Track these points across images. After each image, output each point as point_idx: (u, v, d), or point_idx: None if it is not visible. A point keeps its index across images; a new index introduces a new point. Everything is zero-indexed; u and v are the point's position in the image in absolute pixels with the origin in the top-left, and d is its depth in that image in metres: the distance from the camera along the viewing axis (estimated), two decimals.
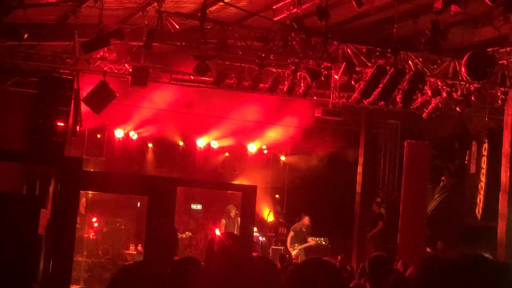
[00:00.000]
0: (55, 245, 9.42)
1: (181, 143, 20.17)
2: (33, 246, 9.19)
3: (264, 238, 19.29)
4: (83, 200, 15.87)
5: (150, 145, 19.72)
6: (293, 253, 17.90)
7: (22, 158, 12.10)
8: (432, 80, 14.67)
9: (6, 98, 16.62)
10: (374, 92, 13.84)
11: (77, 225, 13.44)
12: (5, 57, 14.78)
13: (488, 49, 13.18)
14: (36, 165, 11.54)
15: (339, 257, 14.88)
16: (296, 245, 18.22)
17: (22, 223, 9.06)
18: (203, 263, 4.33)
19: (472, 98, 14.84)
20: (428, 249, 16.95)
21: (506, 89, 14.27)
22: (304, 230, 18.49)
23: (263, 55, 13.98)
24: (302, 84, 15.31)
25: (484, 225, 17.12)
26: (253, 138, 20.31)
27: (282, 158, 21.12)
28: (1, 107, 16.63)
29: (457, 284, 1.52)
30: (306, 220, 18.43)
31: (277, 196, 20.76)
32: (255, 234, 17.06)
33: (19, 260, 8.86)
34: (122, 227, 18.03)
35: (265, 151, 20.72)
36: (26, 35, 13.00)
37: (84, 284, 14.24)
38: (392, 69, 13.50)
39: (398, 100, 14.28)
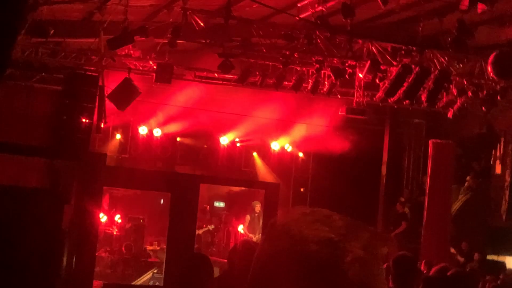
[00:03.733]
0: (78, 240, 9.47)
1: (204, 141, 20.19)
2: (57, 242, 9.25)
3: None
4: (106, 196, 15.95)
5: (178, 139, 19.74)
6: None
7: (46, 153, 12.18)
8: (457, 79, 14.56)
9: (31, 94, 16.75)
10: (399, 91, 13.77)
11: (100, 221, 13.53)
12: (31, 53, 14.89)
13: None
14: (60, 161, 11.62)
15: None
16: None
17: (46, 218, 9.12)
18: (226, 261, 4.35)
19: (498, 97, 14.70)
20: (452, 250, 16.81)
21: None
22: None
23: (287, 53, 13.96)
24: (326, 82, 15.25)
25: (509, 226, 16.97)
26: (276, 136, 20.27)
27: (305, 156, 21.05)
28: (27, 103, 16.76)
29: None
30: None
31: (302, 189, 20.70)
32: None
33: (42, 255, 8.91)
34: (145, 223, 18.11)
35: (289, 149, 20.67)
36: (52, 32, 13.09)
37: (107, 280, 14.30)
38: (417, 68, 13.41)
39: (423, 99, 14.19)
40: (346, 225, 1.44)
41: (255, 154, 20.57)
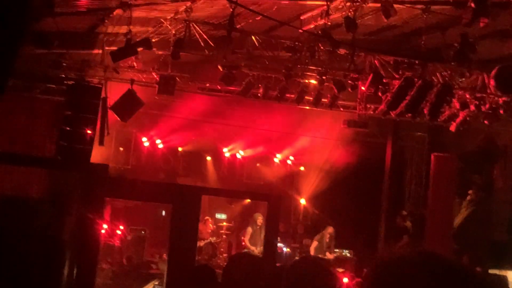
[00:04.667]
0: (79, 252, 9.46)
1: (207, 153, 20.20)
2: (58, 253, 9.24)
3: (288, 249, 19.23)
4: (108, 208, 15.95)
5: (180, 149, 19.73)
6: None
7: (48, 164, 12.20)
8: (460, 92, 14.56)
9: (34, 105, 16.79)
10: (401, 104, 13.76)
11: (101, 232, 13.49)
12: (34, 64, 14.92)
13: None
14: (62, 172, 11.63)
15: (364, 270, 14.81)
16: (320, 256, 18.10)
17: (47, 229, 9.12)
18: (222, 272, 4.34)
19: (501, 111, 14.70)
20: None
21: None
22: (327, 240, 18.40)
23: (290, 65, 13.98)
24: (328, 95, 15.27)
25: (511, 240, 16.93)
26: (278, 149, 20.29)
27: (307, 168, 21.04)
28: (30, 114, 16.79)
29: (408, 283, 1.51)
30: (329, 229, 18.37)
31: (303, 202, 20.71)
32: (279, 245, 17.00)
33: (43, 266, 8.91)
34: (147, 235, 18.08)
35: (290, 162, 20.68)
36: (55, 43, 13.13)
37: None
38: (419, 81, 13.42)
39: (425, 112, 14.18)
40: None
41: (258, 165, 20.58)
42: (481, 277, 1.48)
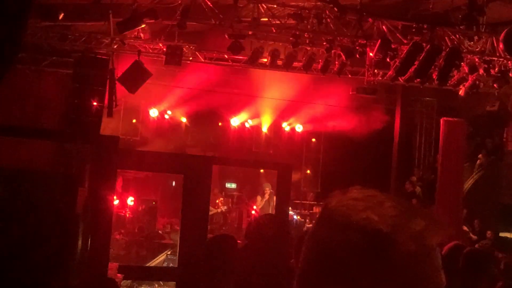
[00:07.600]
0: (93, 223, 9.51)
1: (215, 123, 20.19)
2: (71, 225, 9.29)
3: (298, 217, 19.31)
4: (119, 179, 16.01)
5: (184, 119, 19.72)
6: None
7: (58, 136, 12.22)
8: (469, 56, 14.47)
9: (42, 78, 16.79)
10: (410, 69, 13.70)
11: (114, 204, 13.56)
12: (41, 37, 14.89)
13: None
14: (72, 144, 11.66)
15: None
16: None
17: (60, 202, 9.16)
18: (239, 242, 4.38)
19: (510, 74, 14.62)
20: (465, 228, 16.80)
21: None
22: None
23: (297, 33, 13.90)
24: (336, 62, 15.20)
25: None
26: (287, 117, 20.26)
27: (316, 136, 21.04)
28: (38, 87, 16.80)
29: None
30: None
31: (308, 171, 20.74)
32: (289, 212, 17.05)
33: (57, 239, 8.97)
34: (157, 205, 18.19)
35: (299, 130, 20.66)
36: (61, 15, 13.09)
37: (121, 262, 14.38)
38: (428, 46, 13.34)
39: (434, 77, 14.12)
40: (398, 214, 1.33)
41: (266, 134, 20.57)
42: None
